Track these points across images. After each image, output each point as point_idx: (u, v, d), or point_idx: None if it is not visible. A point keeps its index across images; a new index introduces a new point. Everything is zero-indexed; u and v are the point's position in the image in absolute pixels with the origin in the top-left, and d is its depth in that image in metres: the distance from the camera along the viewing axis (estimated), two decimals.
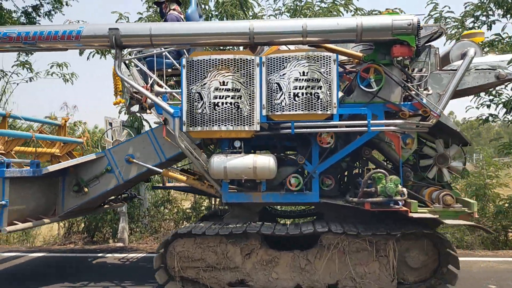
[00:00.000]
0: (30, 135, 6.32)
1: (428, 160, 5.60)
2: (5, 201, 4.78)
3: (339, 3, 9.81)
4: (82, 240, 9.59)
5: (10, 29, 5.02)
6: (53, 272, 6.53)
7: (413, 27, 4.68)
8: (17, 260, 7.41)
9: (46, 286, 5.71)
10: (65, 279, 5.99)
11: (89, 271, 6.59)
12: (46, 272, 6.52)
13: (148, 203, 10.38)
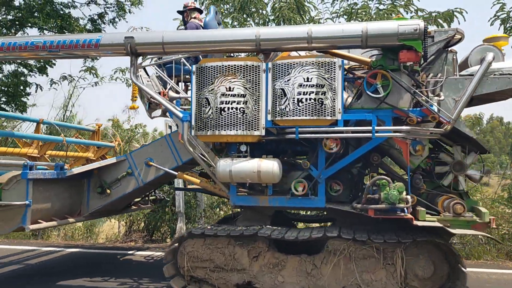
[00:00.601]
0: (61, 139, 6.73)
1: (444, 167, 5.47)
2: (29, 201, 5.13)
3: (399, 4, 9.65)
4: (142, 239, 10.04)
5: (36, 39, 5.42)
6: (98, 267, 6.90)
7: (420, 32, 4.62)
8: (75, 255, 7.88)
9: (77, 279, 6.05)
10: (107, 275, 6.37)
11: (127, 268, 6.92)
12: (85, 267, 6.90)
13: (204, 204, 10.69)
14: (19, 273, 6.56)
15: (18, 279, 6.16)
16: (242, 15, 10.24)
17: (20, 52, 5.48)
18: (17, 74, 13.67)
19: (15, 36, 5.59)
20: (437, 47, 5.45)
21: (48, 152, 6.91)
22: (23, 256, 7.76)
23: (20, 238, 10.56)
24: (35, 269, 6.83)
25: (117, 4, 14.94)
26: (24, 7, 13.38)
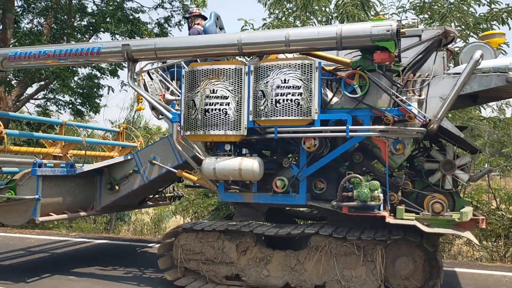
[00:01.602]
0: (81, 139, 7.31)
1: (433, 164, 5.47)
2: (38, 196, 5.67)
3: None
4: None
5: (47, 48, 5.97)
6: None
7: (392, 33, 4.68)
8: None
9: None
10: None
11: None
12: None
13: None
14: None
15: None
16: (305, 13, 10.33)
17: (35, 61, 6.07)
18: (91, 76, 14.71)
19: (30, 46, 6.21)
20: (424, 46, 5.47)
21: (71, 152, 7.51)
22: (77, 247, 8.48)
23: (94, 231, 11.52)
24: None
25: (182, 7, 15.53)
26: (97, 13, 14.25)
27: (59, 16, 14.08)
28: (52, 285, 5.74)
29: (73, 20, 14.38)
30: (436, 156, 5.51)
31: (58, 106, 15.95)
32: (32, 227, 11.47)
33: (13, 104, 14.00)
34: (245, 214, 6.02)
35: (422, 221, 4.94)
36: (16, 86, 14.35)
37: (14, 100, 14.02)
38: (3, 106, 13.19)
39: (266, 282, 5.40)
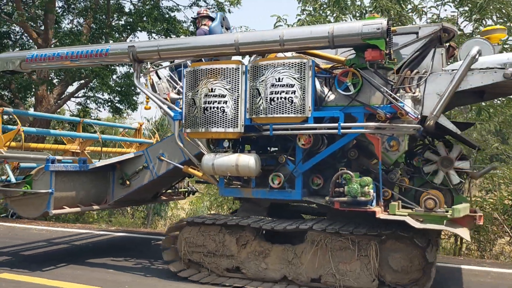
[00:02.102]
0: (97, 136, 7.65)
1: (431, 165, 5.51)
2: (52, 190, 6.01)
3: None
4: None
5: (60, 50, 6.32)
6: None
7: (382, 31, 4.75)
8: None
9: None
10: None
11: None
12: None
13: None
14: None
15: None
16: (338, 8, 10.34)
17: (50, 62, 6.43)
18: (129, 75, 15.22)
19: (44, 49, 6.58)
20: (422, 43, 5.50)
21: (88, 148, 7.88)
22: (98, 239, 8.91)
23: (132, 226, 12.01)
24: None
25: (217, 4, 15.84)
26: (134, 13, 14.72)
27: (98, 16, 14.56)
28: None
29: (111, 19, 14.81)
30: (430, 156, 5.54)
31: (97, 104, 16.59)
32: (74, 221, 12.05)
33: (55, 102, 14.64)
34: (248, 209, 6.20)
35: (415, 217, 4.99)
36: (57, 85, 15.02)
37: (55, 98, 14.68)
38: (46, 105, 13.84)
39: (264, 275, 5.56)
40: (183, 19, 15.59)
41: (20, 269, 6.19)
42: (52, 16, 13.79)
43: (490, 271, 6.75)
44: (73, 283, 5.55)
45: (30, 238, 8.69)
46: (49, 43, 13.67)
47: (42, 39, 13.71)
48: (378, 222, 5.19)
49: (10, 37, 15.80)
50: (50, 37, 13.82)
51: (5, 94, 15.95)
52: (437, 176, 5.50)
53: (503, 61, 5.17)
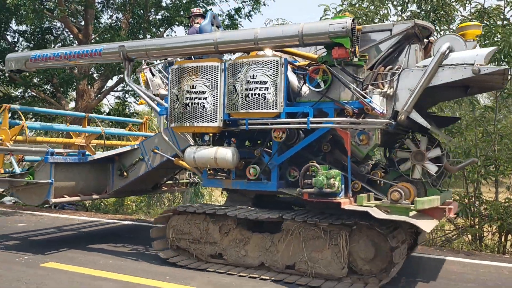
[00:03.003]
0: (100, 131, 8.12)
1: (405, 153, 5.68)
2: (51, 180, 6.49)
3: None
4: None
5: (60, 51, 6.78)
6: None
7: (347, 30, 4.96)
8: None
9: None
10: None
11: None
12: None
13: None
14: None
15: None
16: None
17: (51, 61, 6.90)
18: None
19: (45, 49, 7.03)
20: (395, 39, 5.66)
21: (93, 141, 8.36)
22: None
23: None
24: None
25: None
26: (171, 7, 14.94)
27: (136, 11, 14.82)
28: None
29: (148, 14, 15.04)
30: (410, 145, 5.70)
31: (135, 97, 17.08)
32: (114, 212, 12.54)
33: (95, 96, 15.21)
34: (235, 199, 6.53)
35: (382, 208, 5.21)
36: (97, 79, 15.60)
37: (96, 92, 15.26)
38: (87, 98, 14.44)
39: (243, 261, 5.88)
40: (218, 13, 15.73)
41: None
42: (92, 11, 14.12)
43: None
44: (117, 274, 5.70)
45: (73, 227, 9.08)
46: (89, 39, 14.02)
47: (82, 35, 14.06)
48: (352, 214, 5.42)
49: (52, 32, 16.32)
50: (90, 33, 14.17)
51: (47, 88, 16.59)
52: (405, 165, 5.67)
53: (472, 57, 5.30)
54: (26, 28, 15.74)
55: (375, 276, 5.32)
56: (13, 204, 12.88)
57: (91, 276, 5.55)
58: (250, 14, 15.89)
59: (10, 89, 17.90)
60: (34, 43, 15.82)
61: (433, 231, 9.26)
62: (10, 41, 15.94)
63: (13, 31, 16.09)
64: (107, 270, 5.79)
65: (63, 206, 12.07)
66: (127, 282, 5.35)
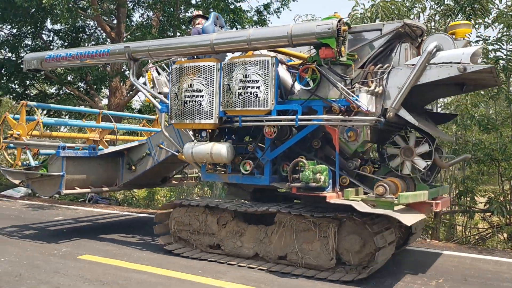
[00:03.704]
0: (112, 126, 8.54)
1: (395, 149, 5.84)
2: (63, 173, 6.92)
3: None
4: None
5: (71, 51, 7.20)
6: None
7: (333, 30, 5.17)
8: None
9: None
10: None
11: None
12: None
13: None
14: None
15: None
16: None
17: (64, 61, 7.33)
18: None
19: (58, 50, 7.42)
20: (385, 39, 5.82)
21: (107, 136, 8.80)
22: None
23: None
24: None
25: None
26: (200, 4, 14.88)
27: (166, 9, 14.95)
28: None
29: (179, 12, 15.20)
30: (399, 142, 5.86)
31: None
32: (145, 207, 12.98)
33: (127, 93, 15.62)
34: (234, 193, 6.84)
35: (369, 202, 5.40)
36: (129, 76, 15.95)
37: (128, 89, 15.66)
38: (119, 95, 14.88)
39: (239, 252, 6.18)
40: (247, 9, 15.93)
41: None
42: (124, 10, 14.38)
43: None
44: (149, 266, 5.83)
45: (106, 221, 9.44)
46: (122, 37, 14.27)
47: (115, 33, 14.35)
48: (337, 207, 5.64)
49: (85, 31, 16.75)
50: (123, 31, 14.44)
51: (81, 85, 17.08)
52: (394, 161, 5.82)
53: (459, 55, 5.42)
54: (60, 27, 16.14)
55: (362, 267, 5.52)
56: (49, 198, 13.31)
57: (124, 269, 5.71)
58: (279, 10, 15.89)
59: (46, 86, 18.41)
60: (68, 41, 16.18)
61: (466, 229, 9.25)
62: (46, 40, 16.32)
63: (48, 30, 16.48)
64: (140, 263, 5.94)
65: (97, 200, 12.58)
66: (159, 275, 5.46)
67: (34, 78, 15.09)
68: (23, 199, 12.99)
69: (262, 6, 15.86)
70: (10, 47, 15.05)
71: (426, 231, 8.96)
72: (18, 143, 7.35)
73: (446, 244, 8.13)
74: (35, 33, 15.75)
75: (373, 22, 9.16)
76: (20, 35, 15.68)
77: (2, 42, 15.35)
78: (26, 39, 16.08)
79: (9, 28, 15.58)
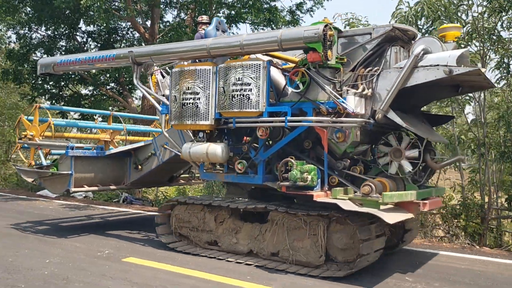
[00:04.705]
0: (122, 127, 8.91)
1: (384, 157, 5.99)
2: (71, 172, 7.30)
3: None
4: None
5: (81, 56, 7.58)
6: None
7: (319, 35, 5.36)
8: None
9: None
10: None
11: None
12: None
13: None
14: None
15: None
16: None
17: (74, 66, 7.73)
18: None
19: (70, 55, 7.79)
20: (375, 42, 5.98)
21: (117, 137, 9.17)
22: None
23: None
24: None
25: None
26: (235, 4, 14.80)
27: (199, 10, 14.91)
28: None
29: (214, 12, 14.99)
30: (383, 148, 6.00)
31: None
32: None
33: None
34: (233, 192, 7.09)
35: (356, 201, 5.58)
36: None
37: None
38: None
39: (234, 249, 6.42)
40: (280, 8, 15.54)
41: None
42: (158, 10, 14.37)
43: None
44: (195, 271, 5.73)
45: (145, 223, 9.30)
46: (155, 38, 14.24)
47: (149, 34, 14.32)
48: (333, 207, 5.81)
49: (117, 33, 16.76)
50: (156, 32, 14.44)
51: (113, 86, 17.15)
52: (392, 167, 5.97)
53: (445, 58, 5.54)
54: (93, 28, 16.30)
55: (348, 264, 5.69)
56: (84, 198, 13.71)
57: (173, 273, 5.62)
58: (312, 9, 15.72)
59: (80, 87, 18.47)
60: (101, 43, 16.23)
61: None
62: (80, 41, 16.41)
63: (82, 31, 16.62)
64: (185, 267, 5.86)
65: (131, 201, 12.90)
66: (208, 280, 5.39)
67: (69, 79, 15.21)
68: (58, 198, 13.11)
69: (294, 5, 15.64)
70: (46, 49, 15.10)
71: (473, 237, 8.84)
72: (31, 143, 7.78)
73: (500, 251, 7.88)
74: (70, 34, 15.82)
75: (418, 20, 9.02)
76: (55, 36, 15.75)
77: (38, 44, 15.46)
78: (61, 41, 16.10)
79: (44, 29, 15.62)
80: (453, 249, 7.63)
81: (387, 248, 6.80)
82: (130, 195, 13.09)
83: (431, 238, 8.81)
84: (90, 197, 13.81)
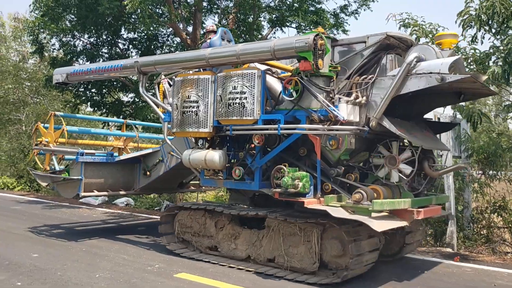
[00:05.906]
0: (135, 135, 9.20)
1: (380, 160, 6.01)
2: (81, 177, 7.60)
3: None
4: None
5: (91, 66, 7.90)
6: None
7: (309, 45, 5.45)
8: None
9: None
10: None
11: None
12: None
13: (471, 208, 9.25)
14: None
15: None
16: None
17: (86, 75, 8.06)
18: None
19: (84, 64, 8.07)
20: (370, 51, 6.02)
21: (130, 144, 9.47)
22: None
23: None
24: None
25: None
26: (278, 8, 14.50)
27: (239, 15, 14.69)
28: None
29: (256, 17, 14.84)
30: (383, 151, 6.01)
31: None
32: None
33: None
34: (235, 198, 7.23)
35: (348, 208, 5.62)
36: None
37: None
38: None
39: (233, 254, 6.54)
40: (328, 10, 15.01)
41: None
42: (200, 15, 14.15)
43: None
44: None
45: None
46: (197, 43, 13.84)
47: (190, 39, 14.06)
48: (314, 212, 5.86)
49: (157, 39, 16.50)
50: (198, 37, 14.11)
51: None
52: (381, 171, 5.97)
53: (438, 65, 5.53)
54: (135, 35, 16.17)
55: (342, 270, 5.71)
56: (126, 206, 13.63)
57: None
58: (357, 11, 15.29)
59: (121, 94, 18.26)
60: (142, 50, 16.04)
61: None
62: (122, 48, 16.31)
63: (124, 38, 16.40)
64: (242, 285, 5.56)
65: None
66: None
67: (111, 86, 15.21)
68: (101, 206, 13.11)
69: (338, 8, 15.28)
70: (88, 56, 14.95)
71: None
72: (46, 149, 8.13)
73: None
74: (112, 41, 15.74)
75: (490, 19, 7.86)
76: (97, 43, 15.74)
77: (81, 51, 15.32)
78: (103, 48, 16.02)
79: (87, 37, 15.61)
80: None
81: (386, 256, 6.82)
82: (172, 203, 12.91)
83: (505, 256, 7.95)
84: (132, 204, 13.70)
